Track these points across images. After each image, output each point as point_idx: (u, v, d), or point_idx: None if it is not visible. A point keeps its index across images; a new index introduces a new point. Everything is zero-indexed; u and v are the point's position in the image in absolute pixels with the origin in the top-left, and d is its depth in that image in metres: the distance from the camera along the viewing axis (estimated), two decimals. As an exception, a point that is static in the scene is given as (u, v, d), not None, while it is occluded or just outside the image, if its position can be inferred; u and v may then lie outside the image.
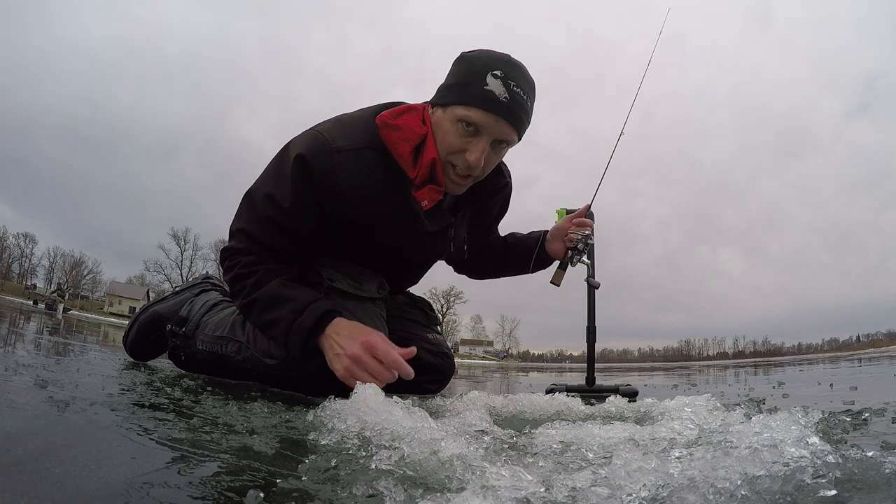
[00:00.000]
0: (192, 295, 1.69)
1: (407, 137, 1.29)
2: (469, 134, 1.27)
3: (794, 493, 0.53)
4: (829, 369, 4.80)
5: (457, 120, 1.26)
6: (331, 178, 1.26)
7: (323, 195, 1.28)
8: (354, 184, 1.28)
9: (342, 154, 1.26)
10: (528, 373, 7.54)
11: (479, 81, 1.24)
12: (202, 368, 1.54)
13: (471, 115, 1.24)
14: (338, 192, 1.27)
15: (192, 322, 1.53)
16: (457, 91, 1.27)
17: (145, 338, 1.65)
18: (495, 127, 1.26)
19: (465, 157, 1.28)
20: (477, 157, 1.27)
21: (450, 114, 1.28)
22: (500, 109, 1.24)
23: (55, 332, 4.25)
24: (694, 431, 0.92)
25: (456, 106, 1.26)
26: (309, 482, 0.61)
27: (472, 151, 1.27)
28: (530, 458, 0.74)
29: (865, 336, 76.11)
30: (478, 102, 1.24)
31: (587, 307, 2.31)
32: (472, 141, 1.27)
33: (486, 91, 1.23)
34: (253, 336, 1.41)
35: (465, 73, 1.28)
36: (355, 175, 1.27)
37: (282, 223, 1.29)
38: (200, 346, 1.50)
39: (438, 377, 1.73)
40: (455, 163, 1.31)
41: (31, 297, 37.69)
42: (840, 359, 10.77)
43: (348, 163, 1.26)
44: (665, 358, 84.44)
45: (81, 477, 0.56)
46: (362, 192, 1.29)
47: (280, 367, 1.36)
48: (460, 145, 1.28)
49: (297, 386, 1.40)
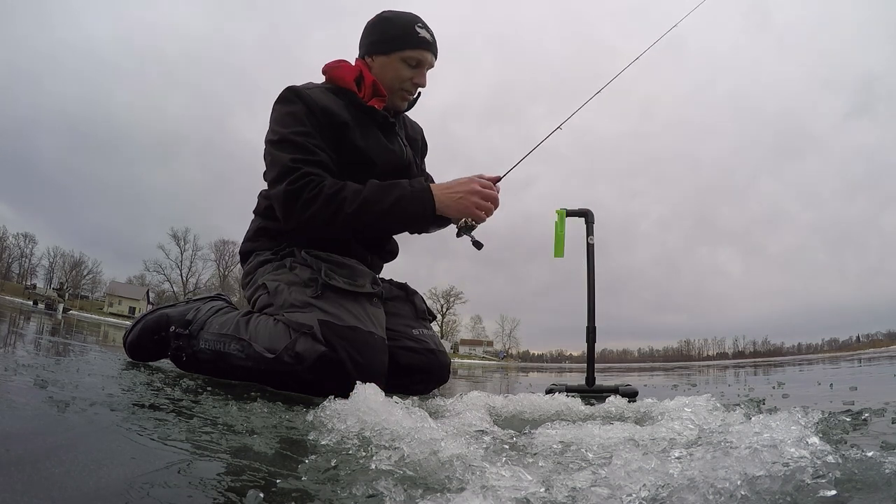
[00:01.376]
0: (202, 303, 1.73)
1: (347, 72, 1.77)
2: (413, 67, 1.78)
3: (794, 493, 0.53)
4: (828, 369, 4.80)
5: (403, 59, 1.76)
6: (309, 100, 1.66)
7: (316, 109, 1.65)
8: (325, 104, 1.67)
9: (310, 90, 1.70)
10: (527, 373, 7.55)
11: (412, 32, 1.76)
12: (203, 368, 1.57)
13: (415, 55, 1.76)
14: (319, 108, 1.66)
15: (196, 323, 1.59)
16: (399, 41, 1.76)
17: (148, 337, 1.68)
18: (430, 60, 1.80)
19: (414, 81, 1.80)
20: (424, 80, 1.81)
21: (395, 57, 1.76)
22: (431, 47, 1.79)
23: (55, 332, 4.25)
24: (694, 432, 0.92)
25: (401, 51, 1.75)
26: (309, 482, 0.61)
27: (419, 77, 1.80)
28: (530, 458, 0.74)
29: (865, 336, 76.06)
30: (418, 45, 1.76)
31: (587, 307, 2.31)
32: (418, 70, 1.79)
33: (420, 38, 1.76)
34: (255, 333, 1.46)
35: (397, 28, 1.77)
36: (324, 98, 1.68)
37: (308, 133, 1.63)
38: (203, 344, 1.54)
39: (422, 377, 1.72)
40: (406, 88, 1.81)
41: (30, 297, 37.71)
42: (840, 359, 10.78)
43: (316, 93, 1.69)
44: (665, 358, 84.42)
45: (81, 477, 0.56)
46: (333, 109, 1.67)
47: (278, 361, 1.39)
48: (409, 75, 1.78)
49: (295, 384, 1.41)
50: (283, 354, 1.39)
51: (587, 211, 2.39)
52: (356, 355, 1.39)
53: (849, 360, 9.28)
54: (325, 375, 1.37)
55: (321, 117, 1.64)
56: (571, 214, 2.39)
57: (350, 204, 1.54)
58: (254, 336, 1.45)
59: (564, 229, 2.34)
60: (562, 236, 2.35)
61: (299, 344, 1.38)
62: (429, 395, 1.70)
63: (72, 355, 2.06)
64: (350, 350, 1.39)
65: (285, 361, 1.39)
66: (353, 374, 1.33)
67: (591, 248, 2.33)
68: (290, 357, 1.38)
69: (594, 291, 2.31)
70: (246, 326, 1.49)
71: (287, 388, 1.42)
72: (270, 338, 1.42)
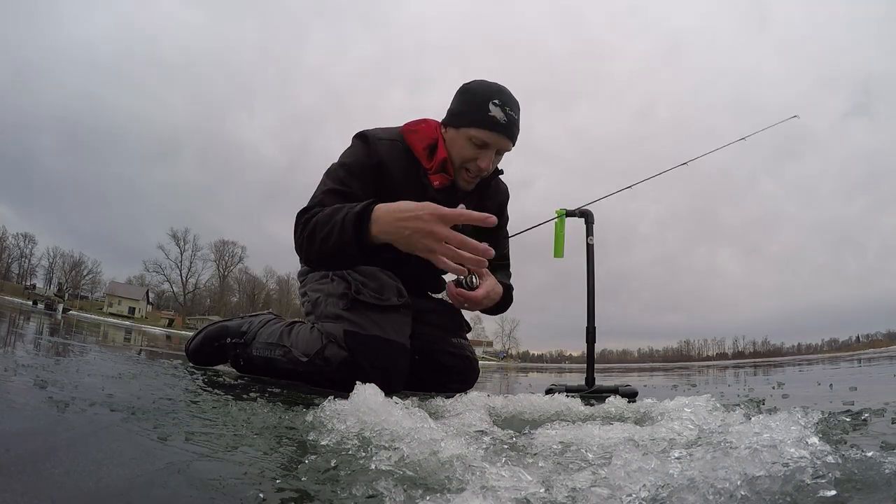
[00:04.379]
0: (254, 318, 1.95)
1: (422, 138, 1.76)
2: (479, 147, 1.70)
3: (794, 493, 0.53)
4: (828, 370, 4.80)
5: (468, 138, 1.70)
6: (374, 151, 1.71)
7: (370, 161, 1.70)
8: (387, 160, 1.72)
9: (381, 141, 1.74)
10: (527, 373, 7.55)
11: (483, 109, 1.67)
12: (258, 371, 1.79)
13: (481, 135, 1.68)
14: (378, 162, 1.71)
15: (249, 334, 1.81)
16: (468, 117, 1.70)
17: (209, 345, 1.92)
18: (499, 142, 1.71)
19: (477, 164, 1.72)
20: (487, 164, 1.73)
21: (462, 133, 1.71)
22: (502, 129, 1.68)
23: (55, 332, 4.25)
24: (694, 432, 0.92)
25: (467, 128, 1.69)
26: (309, 482, 0.61)
27: (483, 160, 1.71)
28: (530, 458, 0.74)
29: (865, 336, 76.05)
30: (485, 125, 1.67)
31: (587, 307, 2.31)
32: (482, 152, 1.71)
33: (489, 117, 1.67)
34: (296, 340, 1.68)
35: (470, 103, 1.71)
36: (388, 154, 1.72)
37: (351, 171, 1.68)
38: (255, 352, 1.76)
39: (460, 378, 1.94)
40: (469, 168, 1.74)
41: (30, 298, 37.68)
42: (840, 359, 10.78)
43: (384, 146, 1.73)
44: (664, 358, 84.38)
45: (81, 477, 0.56)
46: (392, 168, 1.72)
47: (311, 363, 1.60)
48: (473, 155, 1.71)
49: (328, 382, 1.59)
50: (314, 358, 1.60)
51: (587, 211, 2.39)
52: (375, 360, 1.58)
53: (848, 360, 9.28)
54: (349, 376, 1.48)
55: (372, 167, 1.69)
56: (571, 215, 2.40)
57: (303, 233, 1.54)
58: (294, 342, 1.67)
59: (564, 230, 2.35)
60: (561, 237, 2.36)
61: (328, 350, 1.59)
62: (429, 395, 1.71)
63: (71, 355, 2.06)
64: (369, 355, 1.57)
65: (316, 364, 1.60)
66: (371, 375, 1.45)
67: (591, 249, 2.34)
68: (320, 360, 1.59)
69: (594, 292, 2.31)
70: (289, 335, 1.70)
71: (321, 386, 1.59)
72: (306, 344, 1.63)
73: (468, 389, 1.91)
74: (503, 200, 2.03)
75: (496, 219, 1.26)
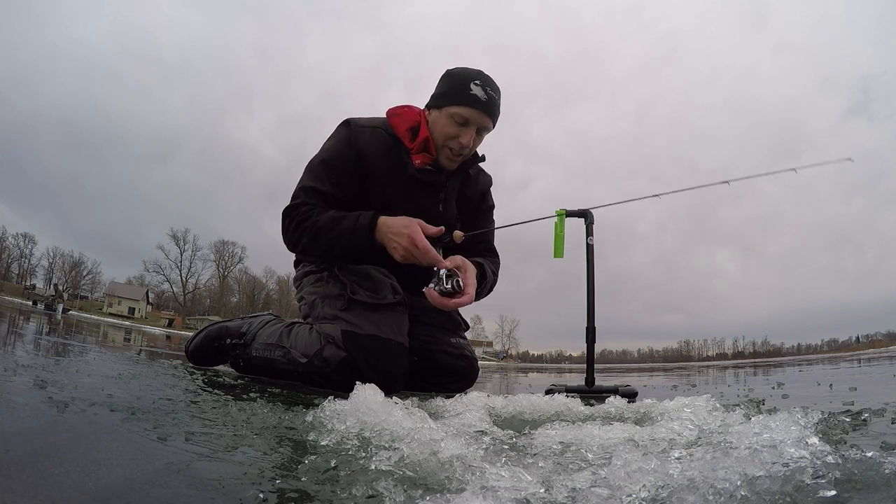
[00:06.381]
0: (254, 318, 1.96)
1: (405, 120, 1.82)
2: (460, 125, 1.76)
3: (794, 493, 0.53)
4: (828, 370, 4.80)
5: (450, 116, 1.76)
6: (355, 140, 1.78)
7: (349, 151, 1.77)
8: (366, 148, 1.78)
9: (363, 129, 1.81)
10: (527, 373, 7.55)
11: (465, 88, 1.75)
12: (258, 371, 1.80)
13: (462, 112, 1.75)
14: (360, 151, 1.77)
15: (249, 334, 1.82)
16: (450, 97, 1.77)
17: (209, 345, 1.92)
18: (479, 119, 1.77)
19: (458, 140, 1.77)
20: (468, 140, 1.78)
21: (445, 112, 1.77)
22: (482, 106, 1.75)
23: (54, 332, 4.25)
24: (693, 432, 0.92)
25: (450, 106, 1.76)
26: (309, 482, 0.61)
27: (463, 136, 1.77)
28: (530, 458, 0.74)
29: (864, 336, 75.99)
30: (466, 102, 1.74)
31: (587, 308, 2.31)
32: (463, 130, 1.77)
33: (471, 95, 1.74)
34: (295, 341, 1.69)
35: (452, 84, 1.78)
36: (368, 142, 1.78)
37: (330, 165, 1.76)
38: (255, 353, 1.78)
39: (459, 378, 1.94)
40: (451, 146, 1.79)
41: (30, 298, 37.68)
42: (839, 359, 10.77)
43: (365, 134, 1.80)
44: (664, 358, 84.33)
45: (81, 477, 0.56)
46: (371, 155, 1.78)
47: (310, 364, 1.62)
48: (454, 133, 1.77)
49: (327, 383, 1.61)
50: (314, 359, 1.62)
51: (587, 211, 2.39)
52: (372, 359, 1.59)
53: (848, 360, 9.27)
54: (348, 376, 1.49)
55: (352, 159, 1.76)
56: (571, 215, 2.39)
57: (307, 233, 1.71)
58: (293, 343, 1.69)
59: (564, 230, 2.34)
60: (561, 237, 2.35)
61: (326, 350, 1.61)
62: (429, 395, 1.71)
63: (71, 356, 2.06)
64: (367, 355, 1.59)
65: (315, 365, 1.62)
66: (370, 375, 1.48)
67: (591, 249, 2.33)
68: (319, 361, 1.61)
69: (594, 292, 2.31)
70: (288, 336, 1.72)
71: (321, 387, 1.60)
72: (305, 345, 1.65)
73: (468, 389, 1.92)
74: (485, 188, 2.08)
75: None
